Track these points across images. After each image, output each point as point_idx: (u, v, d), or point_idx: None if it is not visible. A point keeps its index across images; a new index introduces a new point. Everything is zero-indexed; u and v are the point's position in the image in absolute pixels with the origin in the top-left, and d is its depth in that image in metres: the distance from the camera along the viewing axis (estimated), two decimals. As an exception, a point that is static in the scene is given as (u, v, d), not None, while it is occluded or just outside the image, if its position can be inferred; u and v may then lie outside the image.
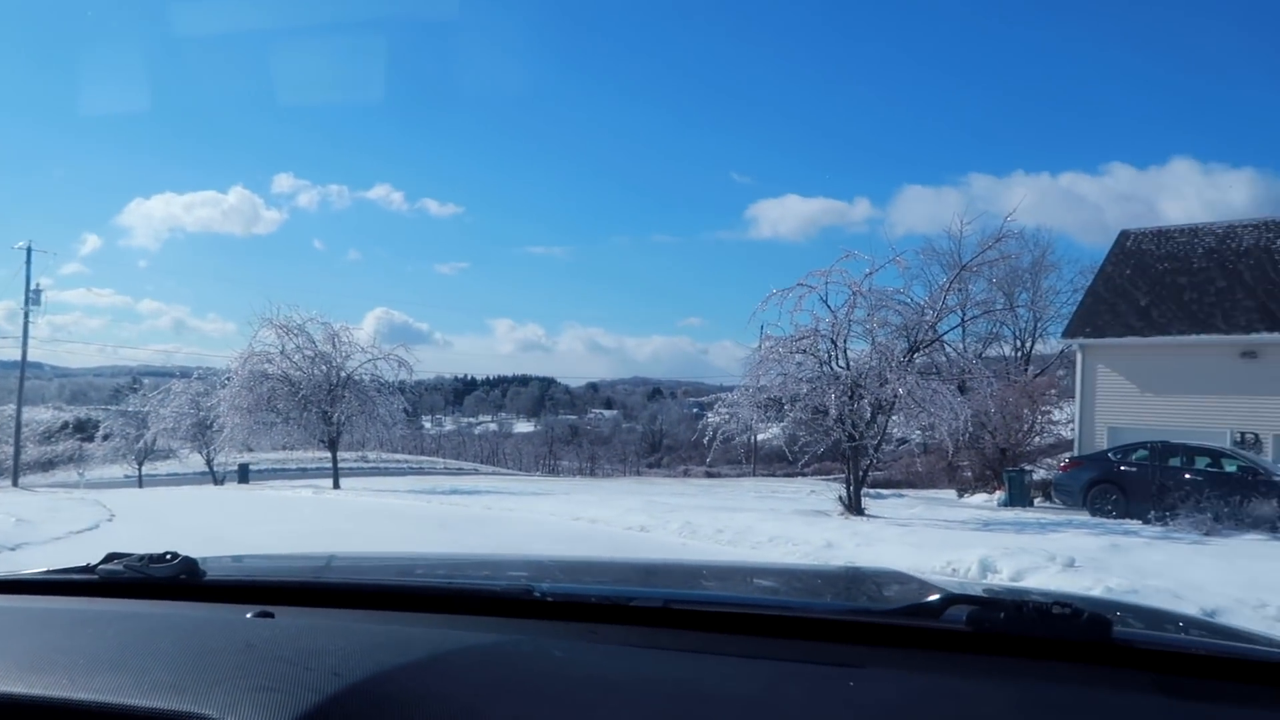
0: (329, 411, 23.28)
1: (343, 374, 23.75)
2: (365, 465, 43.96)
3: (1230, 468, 17.04)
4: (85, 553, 1.93)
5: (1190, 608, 6.45)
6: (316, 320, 23.93)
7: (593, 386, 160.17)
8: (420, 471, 48.83)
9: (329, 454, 24.79)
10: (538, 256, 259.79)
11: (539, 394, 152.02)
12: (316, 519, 13.78)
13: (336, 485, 23.29)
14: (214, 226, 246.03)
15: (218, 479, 31.59)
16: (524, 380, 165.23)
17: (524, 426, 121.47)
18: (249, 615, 1.38)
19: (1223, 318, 22.05)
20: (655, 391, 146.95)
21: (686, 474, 61.17)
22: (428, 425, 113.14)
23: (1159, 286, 23.87)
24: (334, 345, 23.77)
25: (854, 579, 2.17)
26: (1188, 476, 16.85)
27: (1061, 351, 36.45)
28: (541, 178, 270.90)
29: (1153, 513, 15.35)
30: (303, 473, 38.71)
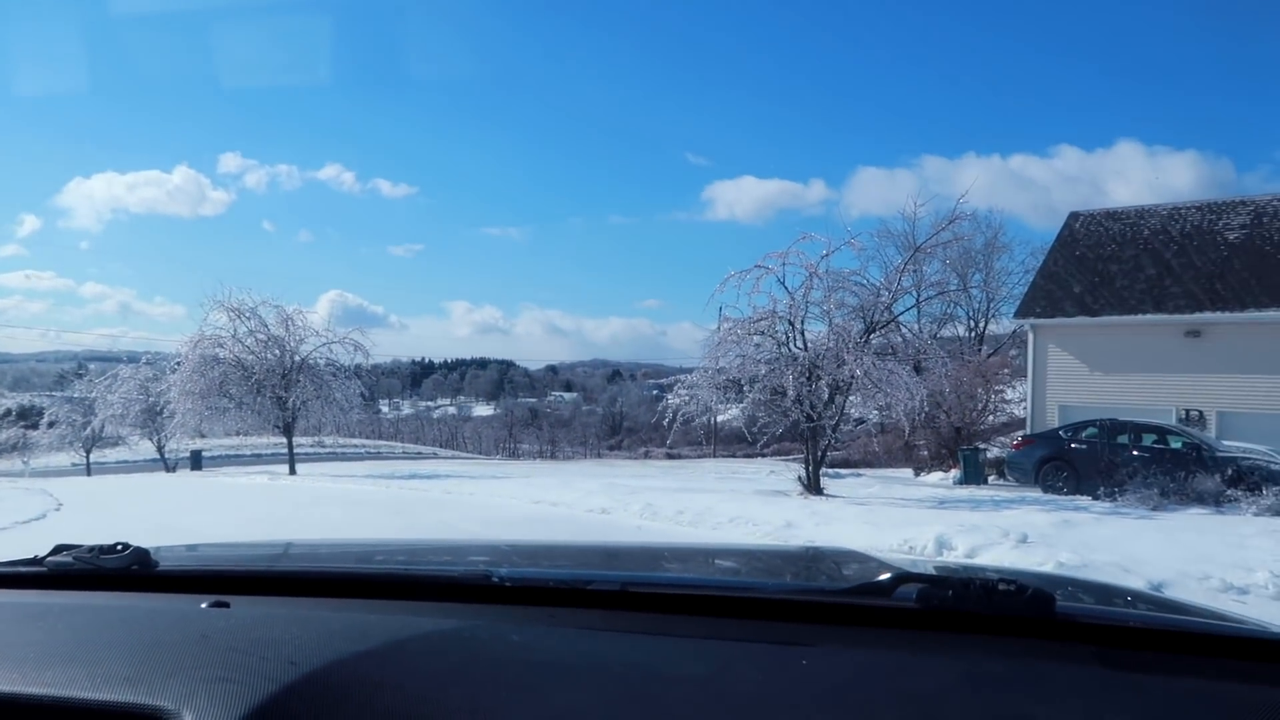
0: (283, 396, 22.98)
1: (297, 358, 23.44)
2: (322, 450, 43.47)
3: (1176, 444, 17.49)
4: (32, 544, 1.90)
5: (1137, 581, 6.64)
6: (269, 303, 23.58)
7: (552, 369, 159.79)
8: (378, 456, 48.42)
9: (284, 439, 24.49)
10: (493, 238, 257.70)
11: (498, 377, 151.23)
12: (272, 506, 13.62)
13: (292, 471, 23.03)
14: (159, 207, 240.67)
15: (169, 466, 31.06)
16: (482, 363, 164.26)
17: (483, 410, 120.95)
18: (204, 605, 1.37)
19: (1168, 298, 22.55)
20: (615, 374, 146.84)
21: (647, 456, 61.36)
22: (385, 409, 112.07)
23: (1107, 267, 24.33)
24: (287, 329, 23.44)
25: (812, 559, 2.20)
26: (1135, 453, 17.25)
27: (1014, 331, 37.07)
28: (496, 157, 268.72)
29: (1102, 489, 15.71)
30: (257, 459, 38.19)
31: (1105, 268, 24.37)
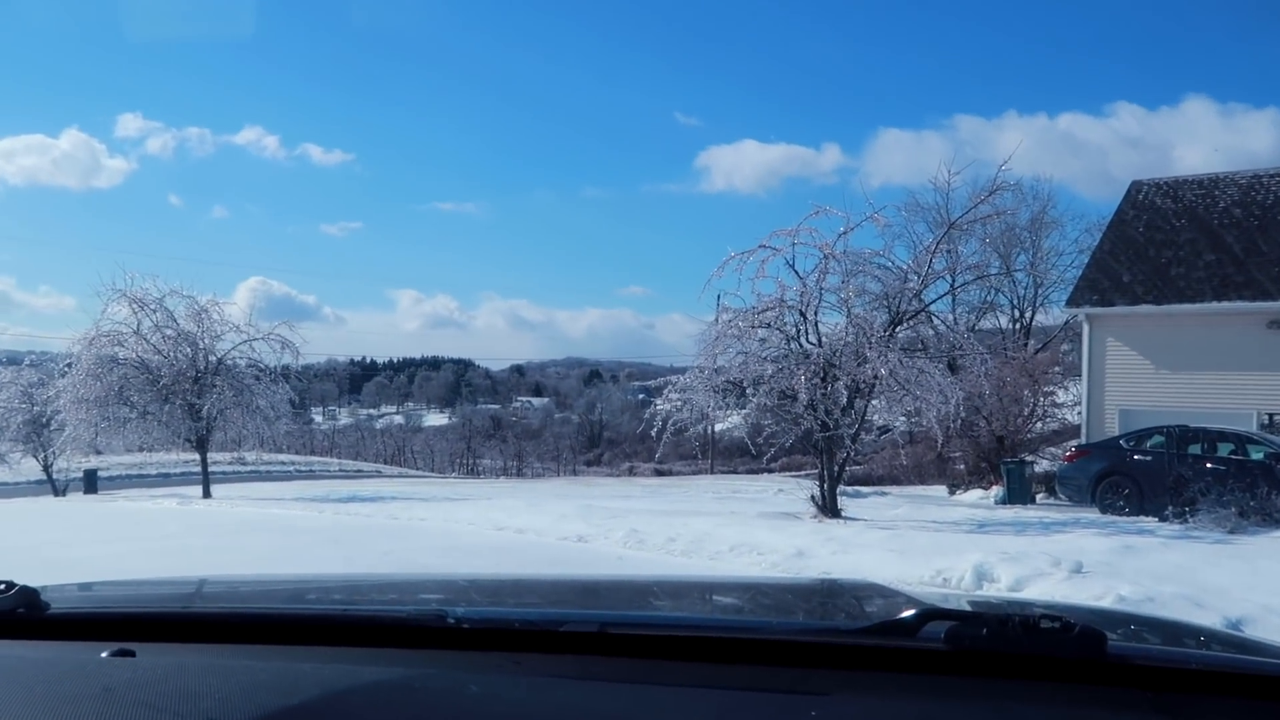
0: (196, 404, 22.88)
1: (212, 358, 23.34)
2: (243, 469, 43.26)
3: (1257, 455, 17.64)
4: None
5: (1211, 618, 6.70)
6: (178, 293, 23.46)
7: (518, 370, 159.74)
8: (310, 475, 48.19)
9: (197, 456, 24.37)
10: (447, 214, 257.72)
11: (453, 379, 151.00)
12: (183, 535, 13.56)
13: (207, 494, 22.93)
14: (42, 178, 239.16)
15: (58, 489, 30.83)
16: (435, 363, 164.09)
17: (436, 419, 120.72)
18: (105, 654, 1.38)
19: (1248, 282, 22.72)
20: (593, 374, 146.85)
21: (632, 472, 61.46)
22: (319, 419, 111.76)
23: (1175, 246, 24.51)
24: (200, 323, 23.33)
25: (826, 594, 2.22)
26: (1209, 466, 17.41)
27: (1066, 323, 37.29)
28: (448, 118, 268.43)
29: (1170, 508, 15.83)
30: (165, 479, 37.98)
31: (1173, 247, 24.55)
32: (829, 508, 15.15)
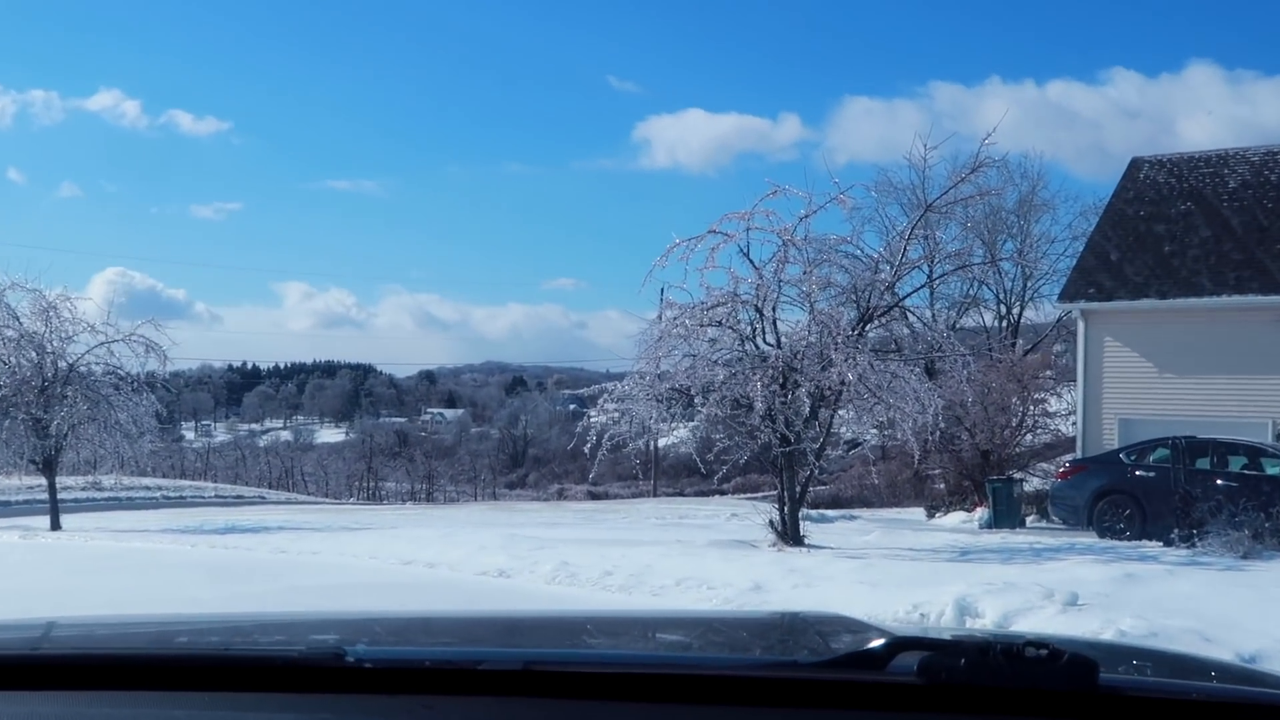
0: (43, 419, 22.42)
1: (62, 364, 22.89)
2: (99, 496, 42.39)
3: (1274, 469, 18.11)
4: None
5: (1223, 653, 6.87)
6: (21, 286, 22.96)
7: (428, 376, 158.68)
8: (181, 502, 47.38)
9: (43, 480, 23.87)
10: (342, 194, 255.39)
11: (351, 388, 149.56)
12: (27, 573, 13.28)
13: (56, 525, 22.47)
14: None
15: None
16: (329, 369, 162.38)
17: (331, 434, 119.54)
18: None
19: (1264, 273, 23.21)
20: (516, 382, 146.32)
21: (562, 496, 61.31)
22: (191, 436, 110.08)
23: (1181, 233, 25.00)
24: (48, 323, 22.87)
25: (787, 628, 2.25)
26: (1220, 482, 17.80)
27: (1059, 320, 37.99)
28: (344, 81, 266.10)
29: (1176, 531, 16.17)
30: (5, 508, 37.13)
31: (1179, 233, 25.02)
32: (790, 534, 15.24)
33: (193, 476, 66.68)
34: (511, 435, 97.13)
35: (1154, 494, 18.52)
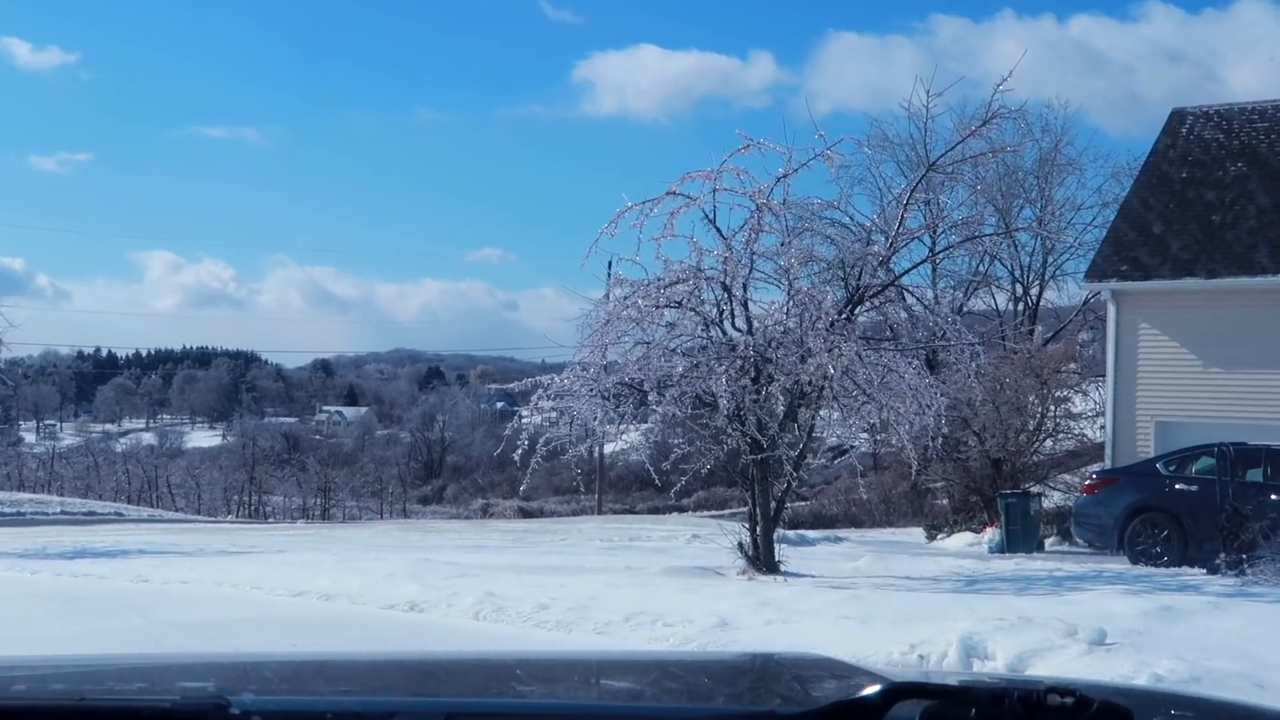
0: None
1: None
2: (-84, 511, 41.87)
3: (1336, 482, 18.35)
4: None
5: (1277, 699, 6.96)
6: None
7: (323, 367, 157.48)
8: (20, 520, 46.82)
9: None
10: (217, 144, 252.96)
11: (230, 381, 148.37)
12: None
13: None
14: None
15: None
16: (202, 357, 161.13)
17: (205, 438, 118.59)
18: None
19: (1326, 248, 23.45)
20: (431, 374, 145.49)
21: (488, 513, 61.16)
22: (31, 439, 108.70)
23: (1231, 198, 25.19)
24: None
25: (759, 673, 2.25)
26: (1276, 498, 18.02)
27: (1085, 303, 38.37)
28: (217, 8, 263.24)
29: (1223, 556, 16.33)
30: None
31: (1229, 199, 25.21)
32: (763, 560, 15.28)
33: (33, 488, 65.85)
34: (426, 439, 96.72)
35: (1197, 511, 18.69)
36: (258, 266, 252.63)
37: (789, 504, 16.91)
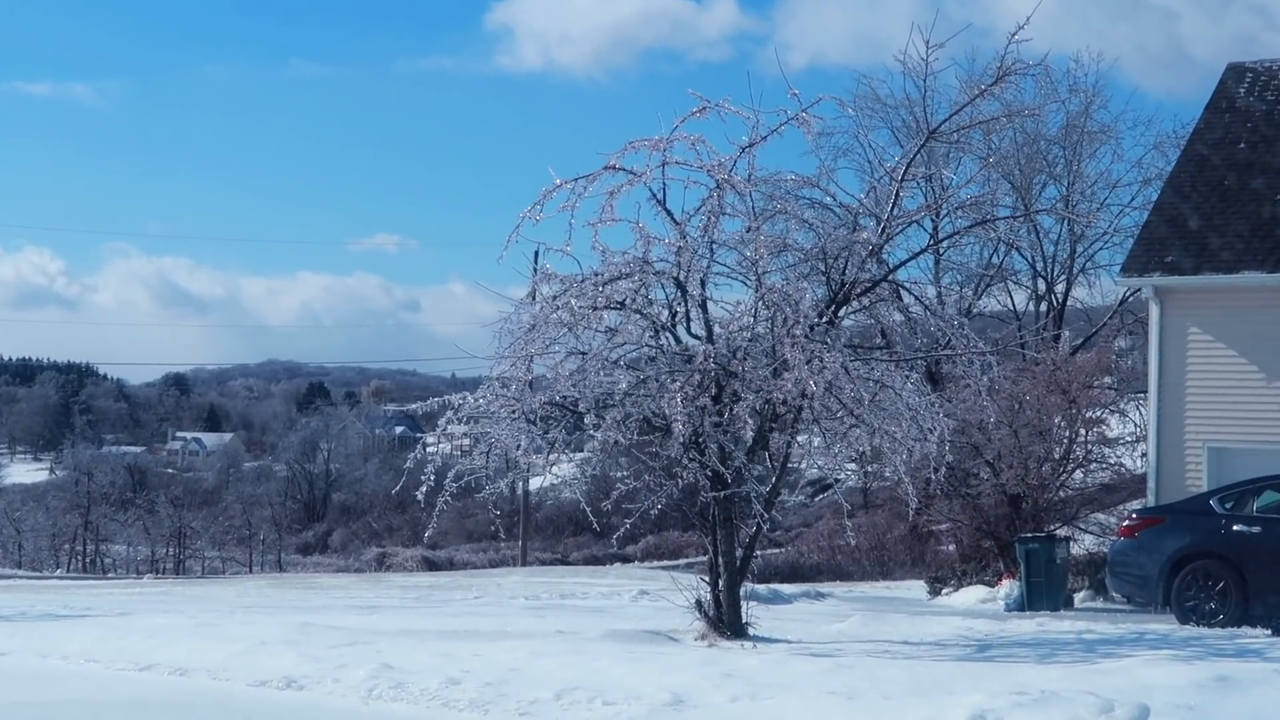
0: None
1: None
2: None
3: None
4: None
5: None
6: None
7: (177, 383, 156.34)
8: None
9: None
10: (40, 104, 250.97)
11: (59, 400, 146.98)
12: None
13: None
14: None
15: None
16: (24, 371, 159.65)
17: (27, 471, 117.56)
18: None
19: None
20: (313, 391, 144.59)
21: (385, 564, 60.78)
22: None
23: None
24: None
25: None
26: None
27: (1123, 301, 38.58)
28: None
29: (1292, 612, 16.54)
30: None
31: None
32: (727, 621, 15.30)
33: None
34: (307, 473, 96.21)
35: (1261, 559, 18.84)
36: (93, 257, 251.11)
37: (759, 552, 16.97)
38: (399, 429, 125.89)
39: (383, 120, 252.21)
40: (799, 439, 15.70)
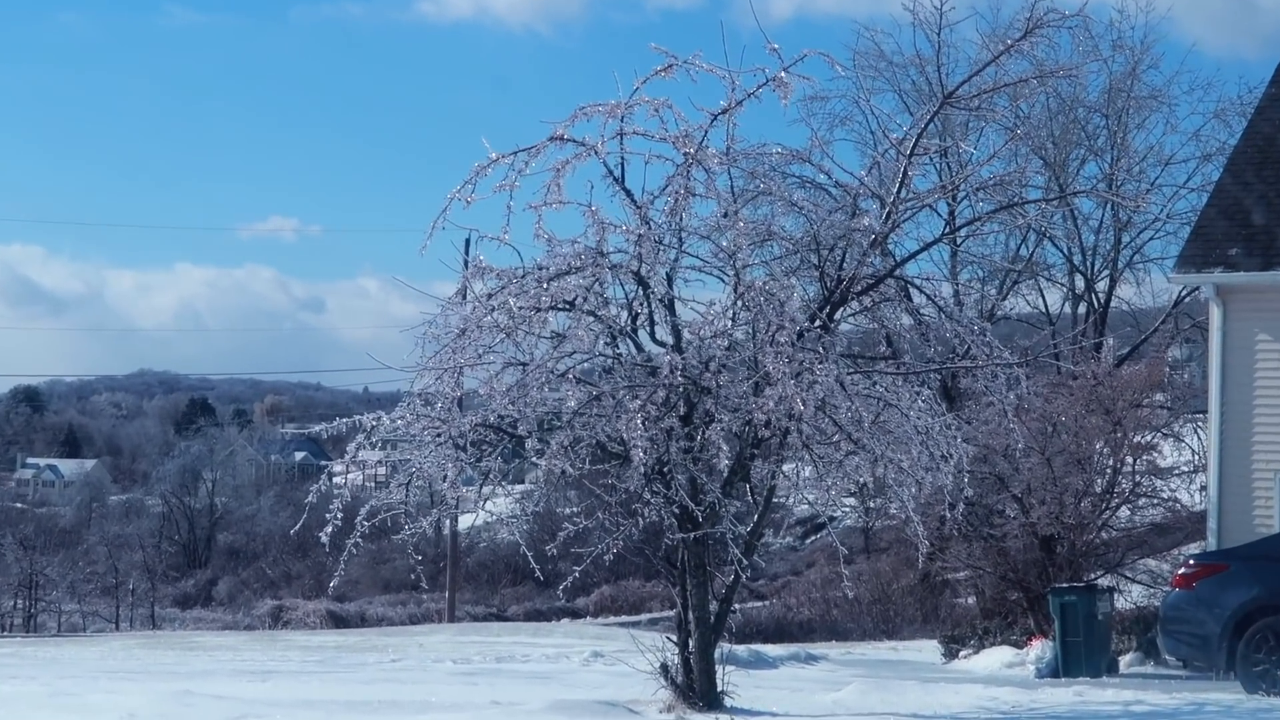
0: None
1: None
2: None
3: None
4: None
5: None
6: None
7: (28, 398, 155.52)
8: None
9: None
10: None
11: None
12: None
13: None
14: None
15: None
16: None
17: None
18: None
19: None
20: (195, 409, 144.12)
21: (282, 619, 60.49)
22: None
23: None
24: None
25: None
26: None
27: (1178, 302, 38.65)
28: None
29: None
30: None
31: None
32: (699, 690, 15.32)
33: None
34: (187, 508, 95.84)
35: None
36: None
37: (738, 605, 16.98)
38: (299, 455, 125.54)
39: (277, 80, 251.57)
40: (785, 468, 15.71)
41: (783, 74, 14.82)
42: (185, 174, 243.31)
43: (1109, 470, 26.84)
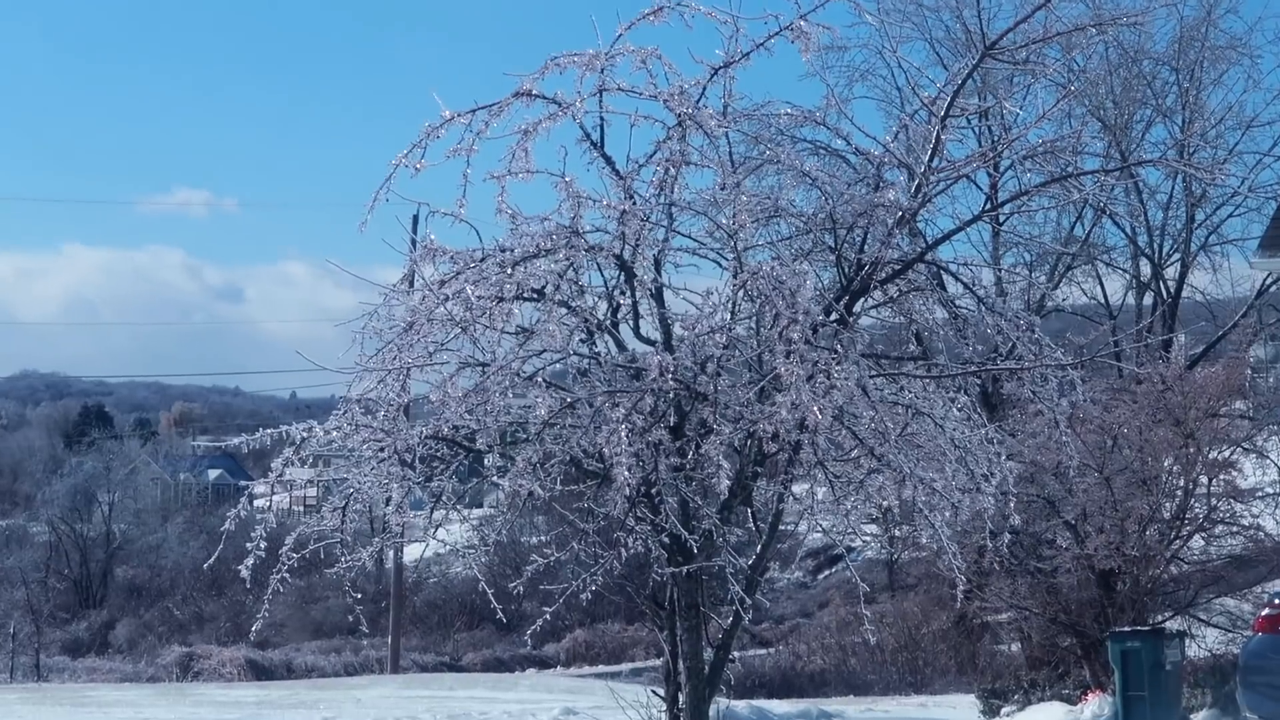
0: None
1: None
2: None
3: None
4: None
5: None
6: None
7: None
8: None
9: None
10: None
11: None
12: None
13: None
14: None
15: None
16: None
17: None
18: None
19: None
20: (91, 417, 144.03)
21: (193, 670, 60.47)
22: None
23: None
24: None
25: None
26: None
27: (1262, 292, 38.68)
28: None
29: None
30: None
31: None
32: (690, 753, 15.37)
33: None
34: (79, 537, 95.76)
35: None
36: None
37: (738, 652, 17.03)
38: (214, 473, 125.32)
39: (182, 22, 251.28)
40: (795, 490, 15.69)
41: (801, 21, 14.68)
42: (75, 137, 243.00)
43: (1179, 492, 26.85)
